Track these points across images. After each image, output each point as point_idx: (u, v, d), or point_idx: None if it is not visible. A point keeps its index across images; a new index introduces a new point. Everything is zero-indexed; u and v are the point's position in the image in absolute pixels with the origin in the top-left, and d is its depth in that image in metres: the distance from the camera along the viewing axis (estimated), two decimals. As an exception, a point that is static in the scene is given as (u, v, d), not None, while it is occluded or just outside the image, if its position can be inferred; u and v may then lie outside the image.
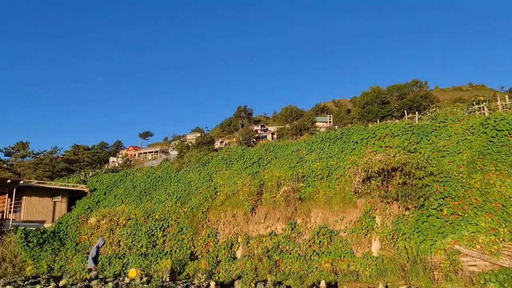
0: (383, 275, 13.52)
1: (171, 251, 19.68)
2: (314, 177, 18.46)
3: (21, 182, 24.82)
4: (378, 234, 15.35)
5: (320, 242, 16.52)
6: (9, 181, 23.49)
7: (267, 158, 22.16)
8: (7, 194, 24.72)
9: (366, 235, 15.69)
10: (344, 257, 15.43)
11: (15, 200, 24.56)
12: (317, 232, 16.80)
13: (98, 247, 15.65)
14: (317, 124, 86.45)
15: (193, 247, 19.74)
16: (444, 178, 14.99)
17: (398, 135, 17.89)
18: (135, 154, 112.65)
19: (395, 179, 15.13)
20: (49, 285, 13.16)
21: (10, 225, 23.08)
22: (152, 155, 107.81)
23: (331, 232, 16.58)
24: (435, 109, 25.30)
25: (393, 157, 15.65)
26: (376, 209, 15.84)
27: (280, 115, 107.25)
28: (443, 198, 14.24)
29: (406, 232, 14.24)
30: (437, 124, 18.12)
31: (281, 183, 19.06)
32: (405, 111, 34.82)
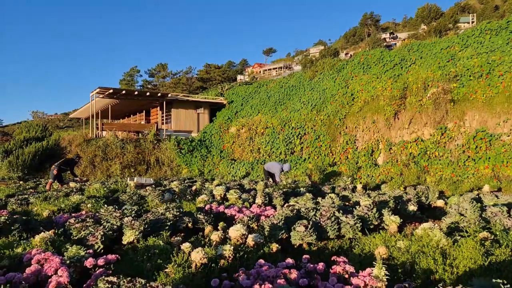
0: None
1: (309, 157, 19.96)
2: (469, 76, 16.23)
3: (169, 95, 27.14)
4: (555, 137, 13.14)
5: (476, 147, 14.89)
6: (159, 94, 25.92)
7: (410, 58, 20.13)
8: (158, 107, 27.46)
9: (537, 138, 13.58)
10: (508, 162, 13.69)
11: (166, 112, 27.19)
12: (473, 137, 15.11)
13: (281, 170, 15.30)
14: (458, 25, 75.74)
15: (331, 154, 19.69)
16: None
17: None
18: (260, 71, 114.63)
19: None
20: (205, 184, 14.47)
21: (164, 134, 25.85)
22: (276, 71, 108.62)
23: (490, 136, 14.74)
24: None
25: None
26: (554, 108, 13.42)
27: (416, 17, 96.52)
28: None
29: None
30: None
31: (428, 85, 17.26)
32: None
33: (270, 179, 15.20)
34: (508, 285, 3.15)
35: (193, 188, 11.75)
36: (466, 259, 4.22)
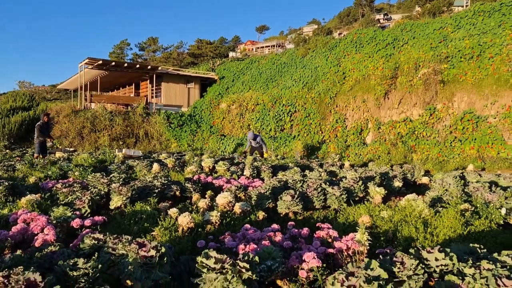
0: (545, 163, 11.97)
1: (298, 135, 20.04)
2: (460, 57, 16.29)
3: (159, 68, 26.80)
4: (540, 120, 13.37)
5: (463, 128, 15.10)
6: (149, 67, 25.56)
7: (403, 38, 20.08)
8: (148, 80, 27.13)
9: (523, 121, 13.80)
10: (493, 144, 13.96)
11: (155, 86, 26.89)
12: (460, 118, 15.31)
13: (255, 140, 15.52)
14: (452, 8, 75.32)
15: (320, 132, 19.78)
16: None
17: None
18: (252, 49, 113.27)
19: None
20: (194, 157, 14.46)
21: (154, 108, 25.65)
22: (268, 49, 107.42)
23: (477, 117, 14.94)
24: None
25: None
26: (541, 91, 13.59)
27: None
28: None
29: None
30: None
31: (419, 65, 17.31)
32: None
33: (257, 153, 15.28)
34: (485, 250, 3.26)
35: (182, 160, 11.77)
36: (446, 228, 4.34)
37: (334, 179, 8.90)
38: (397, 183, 8.19)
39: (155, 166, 8.86)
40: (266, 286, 3.22)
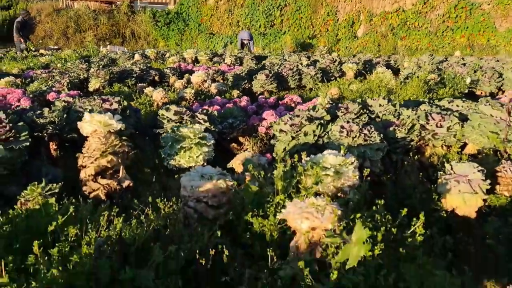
0: (531, 49, 11.95)
1: (289, 30, 19.54)
2: None
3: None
4: (534, 5, 13.02)
5: (456, 16, 14.73)
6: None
7: None
8: (131, -24, 25.51)
9: (517, 6, 13.44)
10: (484, 31, 13.76)
11: (138, -18, 25.36)
12: (454, 5, 14.83)
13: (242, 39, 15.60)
14: None
15: (311, 27, 19.26)
16: None
17: None
18: None
19: None
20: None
21: (139, 6, 24.50)
22: None
23: (471, 4, 14.49)
24: None
25: None
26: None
27: None
28: None
29: None
30: None
31: (416, -51, 16.28)
32: None
33: (246, 48, 15.13)
34: (434, 101, 3.46)
35: (167, 54, 11.66)
36: (409, 95, 4.53)
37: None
38: (380, 69, 8.25)
39: (137, 56, 8.84)
40: (229, 142, 3.48)
